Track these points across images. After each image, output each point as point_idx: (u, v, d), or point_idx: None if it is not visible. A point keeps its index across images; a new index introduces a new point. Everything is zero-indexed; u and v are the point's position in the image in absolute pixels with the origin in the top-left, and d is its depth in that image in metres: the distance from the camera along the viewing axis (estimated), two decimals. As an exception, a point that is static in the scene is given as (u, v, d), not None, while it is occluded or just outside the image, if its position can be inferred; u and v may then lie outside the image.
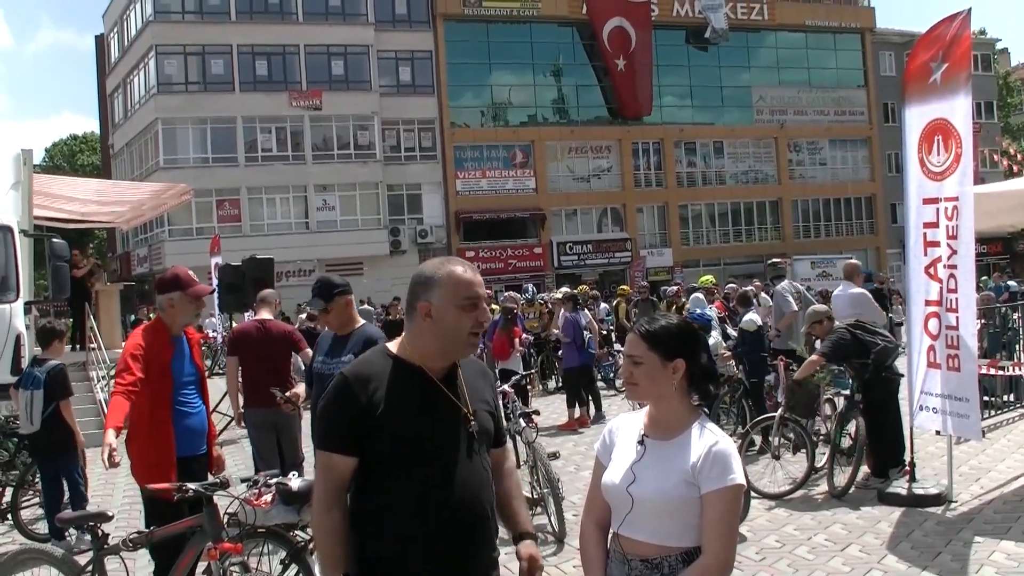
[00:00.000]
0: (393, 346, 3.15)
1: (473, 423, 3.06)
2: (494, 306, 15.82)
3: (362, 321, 6.08)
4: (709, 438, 2.93)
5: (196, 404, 5.68)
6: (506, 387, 9.51)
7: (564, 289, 15.95)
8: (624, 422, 3.19)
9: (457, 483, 2.98)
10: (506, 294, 17.70)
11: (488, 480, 3.12)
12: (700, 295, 15.35)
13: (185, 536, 5.02)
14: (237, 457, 12.11)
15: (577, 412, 13.69)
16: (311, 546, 5.26)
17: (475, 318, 3.02)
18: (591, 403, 14.07)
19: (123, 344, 5.79)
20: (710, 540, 2.85)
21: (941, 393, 8.00)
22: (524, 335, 15.54)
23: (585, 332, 14.12)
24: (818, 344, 9.79)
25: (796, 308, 12.50)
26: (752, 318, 11.84)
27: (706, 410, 3.12)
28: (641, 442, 3.03)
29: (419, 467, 2.95)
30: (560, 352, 15.37)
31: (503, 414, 3.40)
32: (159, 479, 5.00)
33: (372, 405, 2.95)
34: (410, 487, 2.94)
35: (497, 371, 13.86)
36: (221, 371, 19.41)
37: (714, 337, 11.79)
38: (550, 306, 18.62)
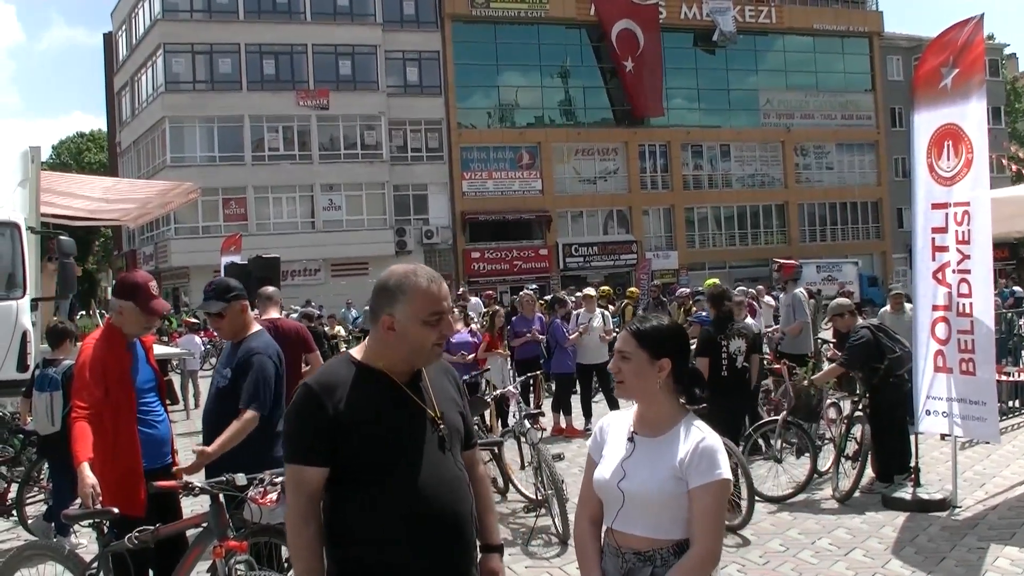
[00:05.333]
0: (357, 352, 3.10)
1: (442, 425, 3.04)
2: (497, 307, 15.76)
3: (256, 328, 5.63)
4: (696, 435, 3.03)
5: (159, 412, 5.46)
6: (511, 388, 9.53)
7: (588, 290, 15.35)
8: (614, 420, 3.28)
9: (432, 487, 2.94)
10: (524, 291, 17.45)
11: (466, 481, 3.10)
12: None
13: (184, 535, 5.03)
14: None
15: (563, 420, 13.41)
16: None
17: (439, 331, 2.99)
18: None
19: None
20: (698, 533, 2.95)
21: (951, 397, 7.99)
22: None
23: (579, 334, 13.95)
24: (829, 333, 9.85)
25: (809, 317, 12.60)
26: (751, 322, 11.89)
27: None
28: (631, 439, 3.12)
29: (392, 473, 2.91)
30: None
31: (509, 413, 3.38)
32: (127, 499, 4.91)
33: (340, 414, 2.89)
34: (385, 494, 2.90)
35: (514, 364, 13.77)
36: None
37: None
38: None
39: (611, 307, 20.43)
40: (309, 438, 2.91)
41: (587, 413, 13.58)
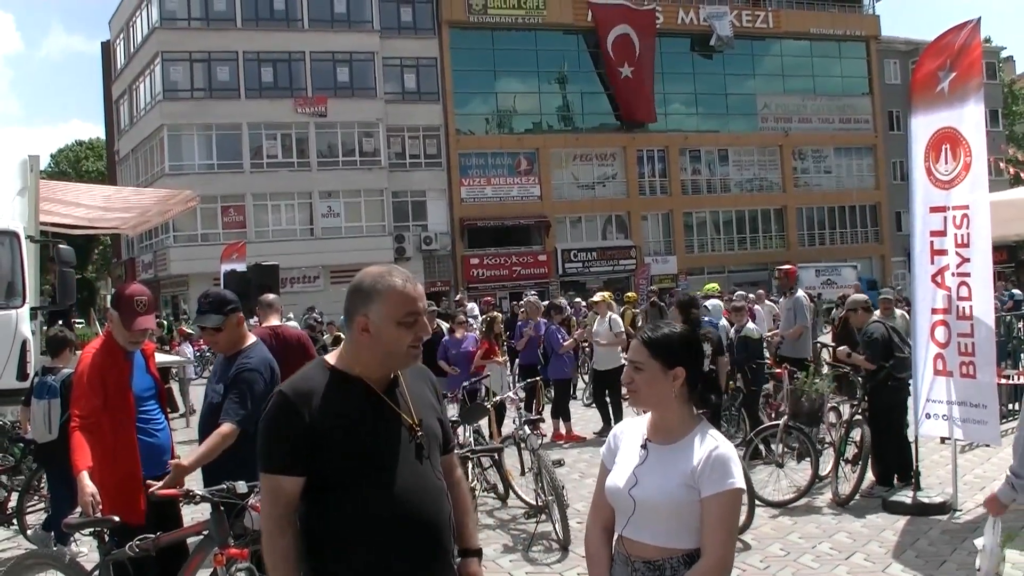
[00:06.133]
0: (332, 357, 3.06)
1: (420, 432, 3.00)
2: (496, 313, 15.76)
3: (251, 340, 5.46)
4: (710, 443, 2.98)
5: (159, 420, 5.44)
6: (510, 395, 9.52)
7: (596, 296, 15.17)
8: (628, 427, 3.24)
9: (410, 495, 2.91)
10: (529, 297, 17.33)
11: (444, 489, 3.07)
12: (719, 302, 15.42)
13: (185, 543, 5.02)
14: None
15: (562, 426, 13.37)
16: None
17: (415, 333, 2.95)
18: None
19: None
20: (710, 542, 2.90)
21: (951, 400, 7.99)
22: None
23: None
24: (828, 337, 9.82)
25: (809, 321, 12.63)
26: (754, 326, 11.91)
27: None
28: (644, 446, 3.08)
29: (368, 481, 2.87)
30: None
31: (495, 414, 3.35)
32: (127, 508, 4.91)
33: (316, 421, 2.84)
34: (362, 502, 2.86)
35: (517, 366, 13.68)
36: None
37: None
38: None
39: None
40: (284, 446, 2.86)
41: (604, 419, 13.42)
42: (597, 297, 14.45)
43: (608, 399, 13.48)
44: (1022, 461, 4.86)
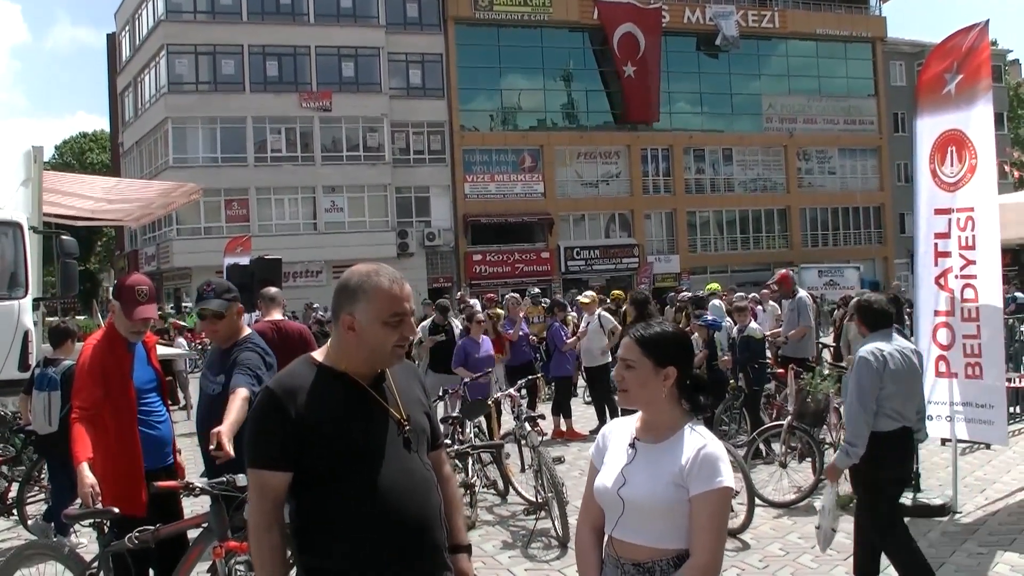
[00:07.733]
0: (319, 354, 3.08)
1: (407, 427, 3.02)
2: (499, 310, 15.78)
3: (247, 331, 5.47)
4: (698, 441, 2.95)
5: (161, 412, 5.45)
6: (512, 391, 9.52)
7: (589, 293, 15.24)
8: (617, 426, 3.22)
9: (399, 489, 2.92)
10: (509, 295, 17.50)
11: (433, 483, 3.08)
12: (720, 302, 15.41)
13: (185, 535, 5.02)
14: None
15: (563, 423, 13.38)
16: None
17: (400, 333, 2.96)
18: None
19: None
20: (698, 542, 2.87)
21: (955, 402, 7.97)
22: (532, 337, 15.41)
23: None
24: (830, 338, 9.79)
25: (812, 321, 12.64)
26: (756, 326, 11.90)
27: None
28: (632, 445, 3.06)
29: (357, 476, 2.88)
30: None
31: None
32: (128, 500, 4.93)
33: (303, 417, 2.86)
34: (350, 497, 2.88)
35: (504, 368, 13.71)
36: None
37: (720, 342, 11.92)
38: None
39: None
40: (271, 442, 2.88)
41: (600, 417, 13.43)
42: (585, 299, 14.37)
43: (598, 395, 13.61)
44: (854, 432, 5.67)
